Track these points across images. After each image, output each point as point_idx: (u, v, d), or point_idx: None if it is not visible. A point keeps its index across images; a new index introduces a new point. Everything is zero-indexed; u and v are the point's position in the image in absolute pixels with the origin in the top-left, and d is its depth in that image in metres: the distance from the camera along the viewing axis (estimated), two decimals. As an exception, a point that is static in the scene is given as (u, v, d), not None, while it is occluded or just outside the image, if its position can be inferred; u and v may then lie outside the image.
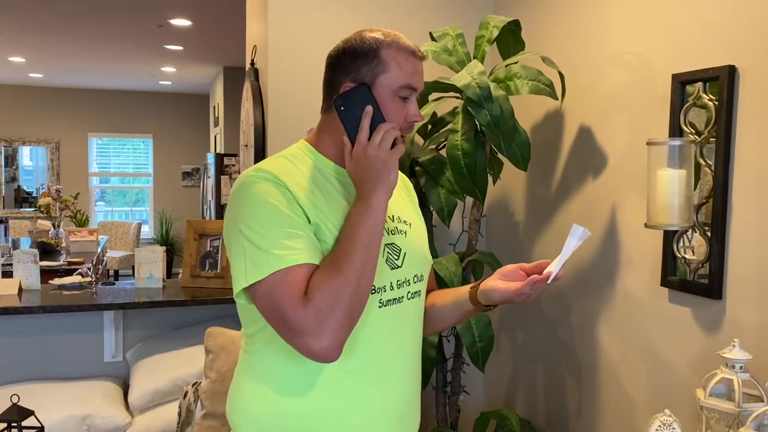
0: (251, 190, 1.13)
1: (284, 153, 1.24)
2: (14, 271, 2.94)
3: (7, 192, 9.23)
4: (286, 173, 1.16)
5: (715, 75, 1.66)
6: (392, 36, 1.20)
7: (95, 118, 9.48)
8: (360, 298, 1.09)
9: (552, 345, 2.38)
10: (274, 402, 1.17)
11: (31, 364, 2.80)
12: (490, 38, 2.08)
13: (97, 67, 7.58)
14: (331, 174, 1.22)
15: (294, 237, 1.09)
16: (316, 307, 1.05)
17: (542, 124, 2.41)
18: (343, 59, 1.19)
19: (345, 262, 1.08)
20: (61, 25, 5.47)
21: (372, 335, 1.18)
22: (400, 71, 1.17)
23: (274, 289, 1.07)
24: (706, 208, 1.71)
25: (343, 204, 1.18)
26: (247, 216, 1.11)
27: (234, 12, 4.72)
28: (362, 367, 1.18)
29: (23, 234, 7.05)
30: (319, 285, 1.06)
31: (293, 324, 1.05)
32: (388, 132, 1.14)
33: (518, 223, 2.58)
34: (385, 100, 1.16)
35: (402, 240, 1.25)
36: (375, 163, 1.12)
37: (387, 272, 1.21)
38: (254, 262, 1.08)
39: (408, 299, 1.25)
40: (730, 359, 1.42)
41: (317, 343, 1.05)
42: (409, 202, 1.38)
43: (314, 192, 1.17)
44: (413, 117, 1.20)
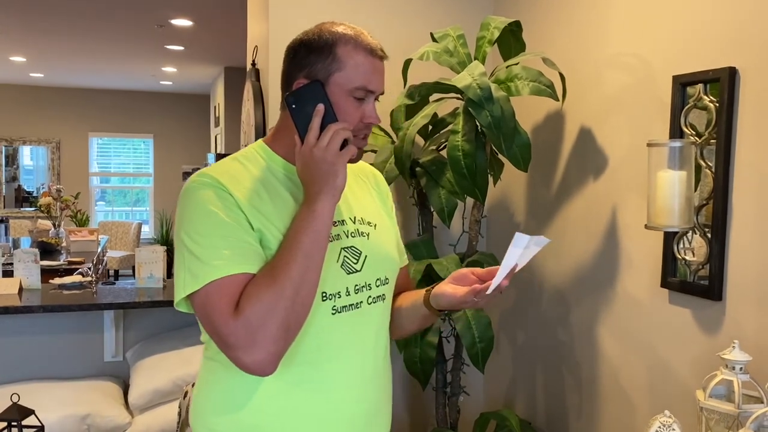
0: (192, 197, 1.09)
1: (237, 154, 1.20)
2: (15, 270, 2.95)
3: (8, 191, 9.23)
4: (232, 177, 1.12)
5: (715, 77, 1.66)
6: (352, 32, 1.14)
7: (96, 117, 9.49)
8: (298, 310, 1.04)
9: (552, 346, 2.38)
10: (222, 411, 1.15)
11: (31, 364, 2.80)
12: (491, 39, 2.09)
13: (98, 67, 7.58)
14: (282, 174, 1.17)
15: (232, 245, 1.05)
16: (246, 320, 1.01)
17: (543, 125, 2.42)
18: (298, 53, 1.14)
19: (282, 272, 1.03)
20: (62, 24, 5.47)
21: (323, 344, 1.14)
22: (357, 71, 1.11)
23: (207, 300, 1.03)
24: (706, 210, 1.71)
25: (294, 206, 1.13)
26: (187, 224, 1.08)
27: (235, 12, 4.72)
28: (311, 376, 1.14)
29: (23, 233, 7.05)
30: (251, 297, 1.02)
31: (224, 336, 1.02)
32: (337, 132, 1.08)
33: (519, 224, 2.58)
34: (339, 99, 1.11)
35: (363, 242, 1.20)
36: (321, 165, 1.07)
37: (342, 277, 1.16)
38: (192, 271, 1.05)
39: (369, 304, 1.20)
40: (729, 360, 1.43)
41: (248, 356, 1.01)
42: (377, 201, 1.32)
43: (261, 196, 1.12)
44: (369, 119, 1.14)
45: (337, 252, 1.16)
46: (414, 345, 2.12)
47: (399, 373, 2.66)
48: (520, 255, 1.11)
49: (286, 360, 1.08)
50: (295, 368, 1.12)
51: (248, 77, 3.00)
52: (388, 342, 1.28)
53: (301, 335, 1.09)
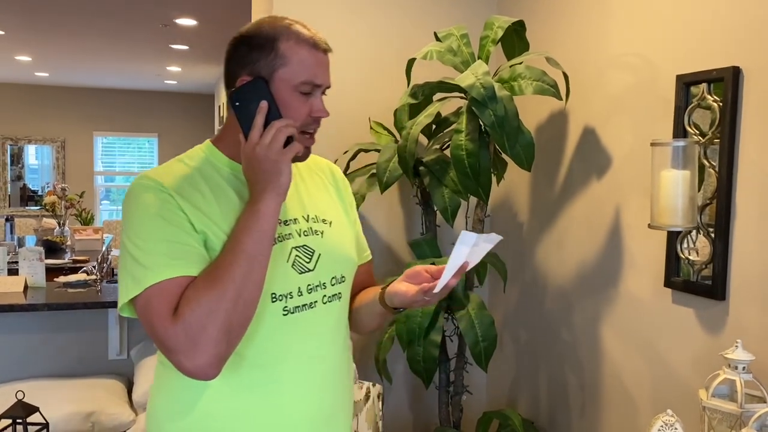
0: (134, 200, 1.08)
1: (182, 155, 1.18)
2: (20, 268, 2.96)
3: (13, 190, 9.27)
4: (176, 178, 1.10)
5: (719, 76, 1.66)
6: (293, 25, 1.12)
7: (101, 117, 9.52)
8: (240, 312, 1.01)
9: (555, 345, 2.39)
10: (173, 415, 1.14)
11: (36, 361, 2.82)
12: (494, 39, 2.09)
13: (102, 66, 7.61)
14: (228, 174, 1.15)
15: (172, 248, 1.03)
16: (186, 324, 0.99)
17: (546, 125, 2.42)
18: (239, 50, 1.11)
19: (223, 274, 1.01)
20: (67, 24, 5.49)
21: (273, 345, 1.12)
22: (301, 65, 1.09)
23: (148, 304, 1.02)
24: (709, 209, 1.71)
25: (239, 206, 1.11)
26: (128, 228, 1.07)
27: (239, 11, 4.73)
28: (259, 379, 1.11)
29: (29, 232, 7.08)
30: (189, 300, 1.00)
31: (164, 341, 1.01)
32: (280, 130, 1.06)
33: (522, 223, 2.59)
34: (284, 95, 1.09)
35: (317, 241, 1.18)
36: (264, 164, 1.05)
37: (294, 277, 1.13)
38: (133, 276, 1.03)
39: (323, 303, 1.17)
40: (732, 360, 1.43)
41: (190, 361, 0.99)
42: (335, 198, 1.30)
43: (205, 196, 1.10)
44: (317, 113, 1.13)
45: (288, 251, 1.14)
46: (417, 344, 2.12)
47: (402, 372, 2.66)
48: (468, 253, 1.09)
49: (235, 362, 1.07)
50: (245, 371, 1.10)
51: (252, 76, 3.00)
52: (346, 341, 1.26)
53: (251, 337, 1.08)
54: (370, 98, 2.58)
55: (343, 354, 1.24)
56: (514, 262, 2.58)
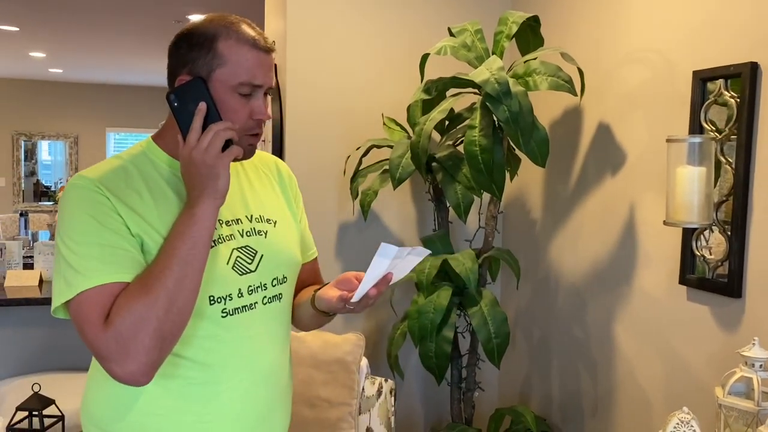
0: (68, 200, 1.05)
1: (122, 153, 1.15)
2: (35, 262, 2.99)
3: (27, 186, 9.35)
4: (112, 178, 1.07)
5: (737, 72, 1.65)
6: (235, 24, 1.09)
7: (113, 113, 9.58)
8: (173, 319, 1.00)
9: (568, 342, 2.38)
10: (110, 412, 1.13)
11: (51, 355, 2.84)
12: (509, 34, 2.08)
13: (115, 62, 7.65)
14: (168, 172, 1.12)
15: (105, 253, 1.01)
16: (116, 332, 0.97)
17: (561, 121, 2.41)
18: (180, 48, 1.08)
19: (156, 281, 0.99)
20: (81, 20, 5.52)
21: (211, 347, 1.11)
22: (239, 66, 1.06)
23: (80, 309, 1.00)
24: (726, 206, 1.70)
25: (178, 207, 1.08)
26: (62, 229, 1.04)
27: (251, 8, 4.74)
28: (197, 380, 1.11)
29: (42, 227, 7.15)
30: (120, 307, 0.98)
31: (95, 348, 1.00)
32: (217, 133, 1.02)
33: (535, 220, 2.58)
34: (224, 96, 1.06)
35: (260, 241, 1.16)
36: (200, 168, 1.02)
37: (234, 279, 1.12)
38: (66, 279, 1.01)
39: (264, 304, 1.16)
40: (749, 357, 1.42)
41: (121, 368, 0.98)
42: (281, 196, 1.28)
43: (143, 197, 1.07)
44: (258, 115, 1.09)
45: (229, 253, 1.12)
46: (430, 340, 2.12)
47: (414, 368, 2.66)
48: (390, 265, 1.08)
49: (172, 363, 1.07)
50: (182, 371, 1.10)
51: (265, 72, 3.00)
52: (286, 340, 1.25)
53: (189, 339, 1.07)
54: (383, 94, 2.58)
55: (282, 354, 1.24)
56: (527, 259, 2.57)
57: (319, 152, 2.56)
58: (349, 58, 2.58)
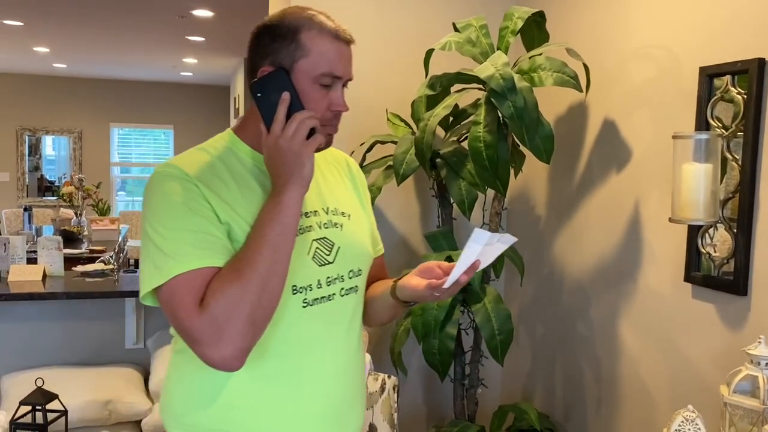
0: (157, 188, 1.07)
1: (204, 144, 1.16)
2: (38, 257, 2.99)
3: (31, 181, 9.36)
4: (200, 168, 1.09)
5: (744, 68, 1.63)
6: (316, 16, 1.10)
7: (117, 108, 9.58)
8: (265, 305, 1.02)
9: (572, 339, 2.37)
10: (193, 404, 1.13)
11: (54, 350, 2.85)
12: (514, 29, 2.07)
13: (119, 57, 7.65)
14: (251, 164, 1.14)
15: (197, 239, 1.03)
16: (211, 316, 0.99)
17: (566, 117, 2.39)
18: (262, 40, 1.10)
19: (248, 266, 1.01)
20: (85, 15, 5.52)
21: (293, 337, 1.12)
22: (322, 57, 1.07)
23: (173, 294, 1.01)
24: (732, 203, 1.68)
25: (261, 197, 1.10)
26: (152, 216, 1.05)
27: (256, 3, 4.73)
28: (281, 370, 1.12)
29: (46, 222, 7.15)
30: (215, 292, 1.00)
31: (189, 332, 1.00)
32: (302, 122, 1.04)
33: (540, 216, 2.57)
34: (305, 87, 1.07)
35: (336, 234, 1.18)
36: (286, 156, 1.04)
37: (314, 270, 1.13)
38: (157, 265, 1.03)
39: (341, 296, 1.17)
40: (755, 356, 1.41)
41: (215, 352, 0.99)
42: (352, 191, 1.29)
43: (229, 186, 1.09)
44: (336, 106, 1.11)
45: (309, 244, 1.14)
46: (433, 336, 2.12)
47: (417, 365, 2.66)
48: (480, 251, 1.08)
49: (256, 354, 1.06)
50: (266, 362, 1.10)
51: (269, 68, 2.99)
52: (360, 334, 1.26)
53: (272, 329, 1.07)
54: (387, 89, 2.57)
55: (358, 346, 1.24)
56: (531, 256, 2.57)
57: (323, 148, 2.55)
58: (353, 53, 2.57)
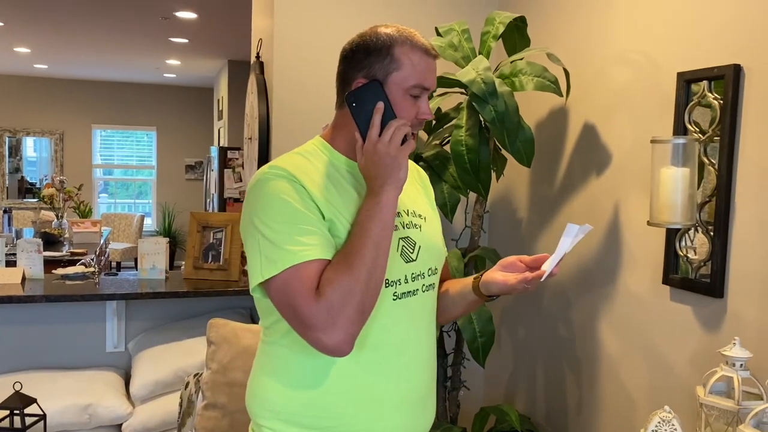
0: (266, 188, 1.15)
1: (299, 149, 1.26)
2: (18, 260, 2.95)
3: (11, 182, 9.24)
4: (301, 170, 1.18)
5: (720, 74, 1.66)
6: (407, 33, 1.20)
7: (99, 109, 9.49)
8: (371, 294, 1.11)
9: (553, 341, 2.39)
10: (290, 393, 1.19)
11: (33, 353, 2.81)
12: (495, 34, 2.08)
13: (102, 58, 7.58)
14: (344, 169, 1.24)
15: (307, 233, 1.11)
16: (328, 303, 1.07)
17: (546, 121, 2.42)
18: (356, 54, 1.21)
19: (356, 258, 1.10)
20: (67, 16, 5.47)
21: (385, 328, 1.20)
22: (413, 70, 1.18)
23: (287, 284, 1.09)
24: (709, 207, 1.71)
25: (357, 199, 1.20)
26: (262, 212, 1.14)
27: (239, 5, 4.72)
28: (375, 359, 1.19)
29: (26, 224, 7.07)
30: (331, 281, 1.08)
31: (306, 319, 1.08)
32: (398, 128, 1.15)
33: (521, 219, 2.59)
34: (397, 97, 1.18)
35: (417, 234, 1.27)
36: (385, 159, 1.14)
37: (401, 265, 1.22)
38: (269, 257, 1.11)
39: (423, 292, 1.27)
40: (730, 357, 1.43)
41: (329, 337, 1.07)
42: (423, 196, 1.39)
43: (328, 188, 1.19)
44: (423, 114, 1.21)
45: (396, 241, 1.22)
46: (415, 339, 2.12)
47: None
48: (570, 243, 1.19)
49: (358, 343, 1.13)
50: (363, 352, 1.17)
51: (252, 70, 3.00)
52: (436, 329, 1.35)
53: (370, 320, 1.15)
54: (371, 93, 2.58)
55: (434, 339, 1.33)
56: (512, 259, 2.58)
57: (306, 150, 2.55)
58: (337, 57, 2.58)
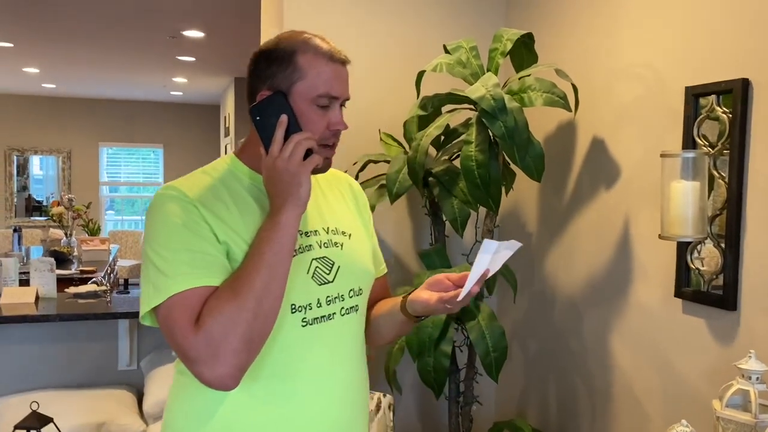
0: (157, 210, 1.09)
1: (206, 166, 1.20)
2: (31, 279, 2.98)
3: (18, 201, 9.31)
4: (199, 189, 1.12)
5: (728, 88, 1.68)
6: (312, 39, 1.13)
7: (106, 127, 9.57)
8: (261, 323, 1.02)
9: (565, 356, 2.39)
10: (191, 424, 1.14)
11: (47, 372, 2.83)
12: (503, 51, 2.11)
13: (109, 77, 7.66)
14: (250, 185, 1.16)
15: (195, 258, 1.05)
16: (208, 334, 0.99)
17: (555, 136, 2.43)
18: (259, 65, 1.13)
19: (244, 285, 1.02)
20: (75, 35, 5.54)
21: (292, 357, 1.12)
22: (318, 78, 1.10)
23: (170, 312, 1.02)
24: (720, 220, 1.72)
25: (261, 217, 1.12)
26: (151, 237, 1.08)
27: (246, 23, 4.77)
28: (277, 391, 1.12)
29: (34, 242, 7.11)
30: (212, 310, 1.01)
31: (185, 351, 1.01)
32: (299, 143, 1.07)
33: (531, 233, 2.60)
34: (303, 108, 1.10)
35: (337, 253, 1.19)
36: (283, 176, 1.06)
37: (313, 289, 1.15)
38: (155, 285, 1.04)
39: (342, 315, 1.18)
40: (746, 370, 1.43)
41: (210, 371, 1.00)
42: (354, 211, 1.31)
43: (229, 207, 1.11)
44: (335, 125, 1.14)
45: (308, 263, 1.15)
46: (428, 354, 2.13)
47: (412, 383, 2.67)
48: (490, 260, 1.11)
49: (253, 373, 1.07)
50: (263, 381, 1.11)
51: (261, 88, 3.02)
52: (363, 353, 1.27)
53: (269, 348, 1.08)
54: (380, 110, 2.60)
55: (360, 366, 1.24)
56: (523, 272, 2.59)
57: (316, 168, 2.58)
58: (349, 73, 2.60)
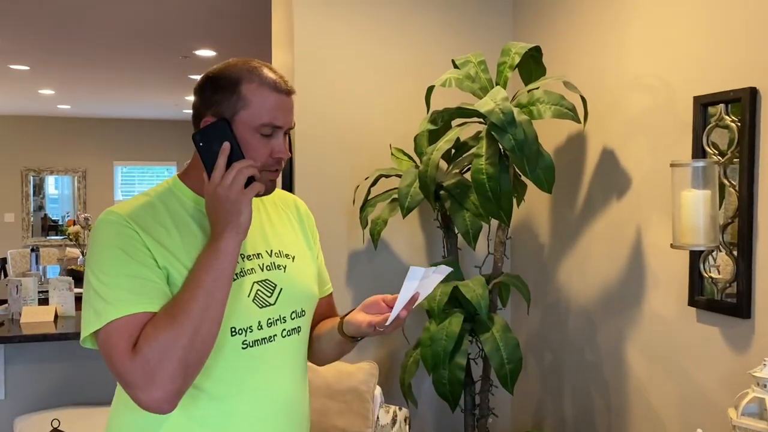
0: (98, 235, 1.10)
1: (149, 189, 1.20)
2: (50, 298, 3.02)
3: (35, 220, 9.43)
4: (140, 213, 1.12)
5: (736, 97, 1.69)
6: (258, 68, 1.14)
7: (121, 146, 9.70)
8: (199, 349, 1.04)
9: (580, 366, 2.39)
10: None
11: (68, 390, 2.86)
12: (512, 64, 2.13)
13: (123, 97, 7.77)
14: (193, 208, 1.18)
15: (134, 284, 1.06)
16: (144, 360, 1.01)
17: (565, 147, 2.45)
18: (205, 92, 1.15)
19: (181, 312, 1.04)
20: (89, 58, 5.64)
21: (232, 379, 1.14)
22: (261, 108, 1.12)
23: (108, 338, 1.04)
24: (731, 228, 1.72)
25: (203, 241, 1.13)
26: (92, 261, 1.09)
27: (257, 43, 4.83)
28: (216, 413, 1.13)
29: (51, 262, 7.18)
30: (148, 336, 1.03)
31: (122, 376, 1.03)
32: (241, 170, 1.08)
33: (543, 245, 2.60)
34: (246, 136, 1.12)
35: (279, 275, 1.21)
36: (224, 204, 1.08)
37: (254, 311, 1.16)
38: (95, 309, 1.06)
39: (283, 337, 1.20)
40: (761, 378, 1.43)
41: (146, 395, 1.02)
42: (299, 232, 1.33)
43: (170, 231, 1.13)
44: (277, 153, 1.14)
45: (249, 286, 1.16)
46: (443, 367, 2.14)
47: (428, 395, 2.67)
48: (417, 287, 1.13)
49: (192, 395, 1.09)
50: (202, 403, 1.12)
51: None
52: (305, 374, 1.28)
53: (209, 370, 1.11)
54: (391, 125, 2.63)
55: (301, 386, 1.27)
56: (536, 284, 2.60)
57: (329, 182, 2.61)
58: (356, 91, 2.64)
